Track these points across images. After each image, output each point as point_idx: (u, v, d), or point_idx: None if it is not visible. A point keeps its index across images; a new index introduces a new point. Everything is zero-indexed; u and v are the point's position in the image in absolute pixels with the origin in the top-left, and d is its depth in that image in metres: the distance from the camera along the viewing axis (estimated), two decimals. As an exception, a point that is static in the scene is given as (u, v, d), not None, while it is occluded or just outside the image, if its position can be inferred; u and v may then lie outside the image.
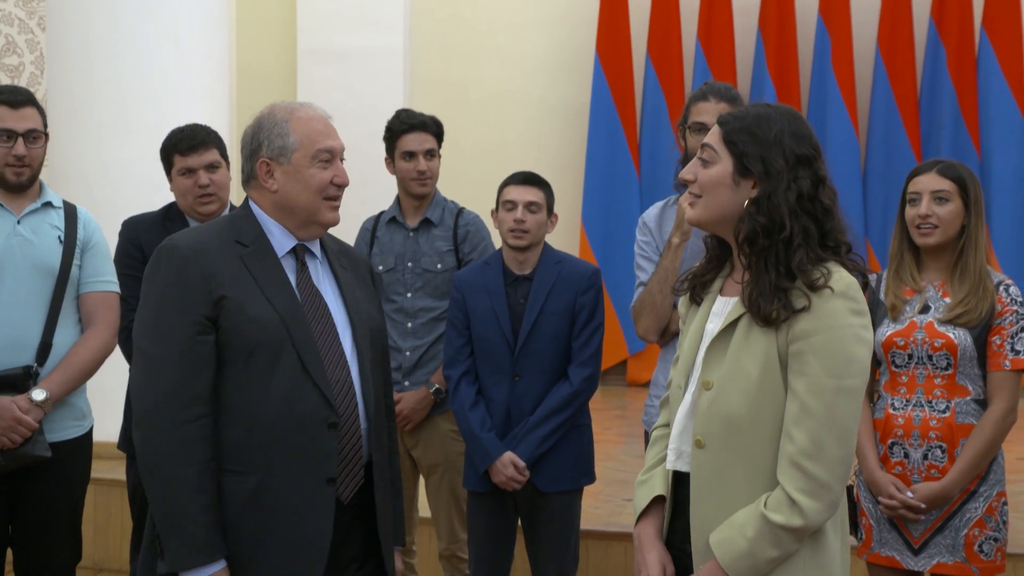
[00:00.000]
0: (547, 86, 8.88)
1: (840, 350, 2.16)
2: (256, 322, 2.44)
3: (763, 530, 2.15)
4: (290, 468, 2.43)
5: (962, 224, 3.26)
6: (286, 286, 2.51)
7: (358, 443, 2.52)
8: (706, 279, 2.41)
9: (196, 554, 2.36)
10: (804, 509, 2.13)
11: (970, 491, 3.21)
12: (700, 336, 2.35)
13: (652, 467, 2.43)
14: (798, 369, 2.18)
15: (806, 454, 2.14)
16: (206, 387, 2.41)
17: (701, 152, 2.32)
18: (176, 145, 3.77)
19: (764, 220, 2.22)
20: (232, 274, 2.47)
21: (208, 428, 2.41)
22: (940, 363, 3.21)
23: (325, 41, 8.59)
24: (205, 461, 2.39)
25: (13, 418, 3.29)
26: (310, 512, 2.44)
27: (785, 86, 8.30)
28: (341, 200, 2.60)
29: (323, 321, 2.53)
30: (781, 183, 2.22)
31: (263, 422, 2.43)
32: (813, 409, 2.15)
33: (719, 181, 2.28)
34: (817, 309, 2.17)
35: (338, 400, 2.48)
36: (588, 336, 3.71)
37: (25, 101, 3.48)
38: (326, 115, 2.60)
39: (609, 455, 5.94)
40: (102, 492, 5.07)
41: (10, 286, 3.39)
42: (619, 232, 8.29)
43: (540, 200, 3.72)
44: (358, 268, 2.76)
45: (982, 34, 8.15)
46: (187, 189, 3.76)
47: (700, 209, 2.31)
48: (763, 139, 2.24)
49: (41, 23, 8.19)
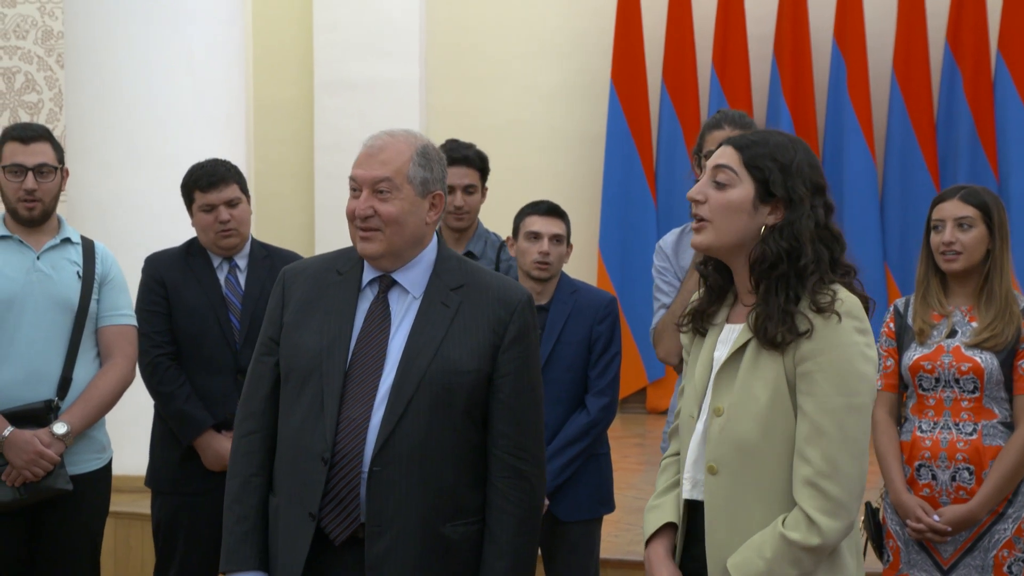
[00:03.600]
0: (563, 114, 8.89)
1: (848, 368, 2.17)
2: (298, 349, 2.48)
3: (782, 550, 2.14)
4: (291, 496, 2.46)
5: (987, 249, 3.26)
6: (345, 317, 2.48)
7: (355, 485, 2.41)
8: (710, 311, 2.39)
9: (226, 560, 2.51)
10: (822, 528, 2.13)
11: (999, 513, 3.19)
12: (709, 364, 2.34)
13: (662, 493, 2.43)
14: (807, 389, 2.18)
15: (822, 474, 2.14)
16: (260, 404, 2.53)
17: (715, 174, 2.29)
18: (196, 182, 3.79)
19: (786, 246, 2.22)
20: (307, 300, 2.52)
21: (256, 444, 2.52)
22: (967, 387, 3.21)
23: (341, 72, 8.63)
24: (248, 475, 2.51)
25: (35, 452, 3.32)
26: (297, 543, 2.44)
27: (801, 112, 8.29)
28: (378, 232, 2.46)
29: (372, 357, 2.47)
30: (803, 210, 2.24)
31: (284, 447, 2.50)
32: (825, 428, 2.15)
33: (739, 206, 2.26)
34: (822, 330, 2.18)
35: (340, 437, 2.41)
36: (605, 365, 3.69)
37: (37, 136, 3.51)
38: (384, 144, 2.49)
39: (629, 483, 5.90)
40: (122, 525, 5.07)
41: (30, 321, 3.42)
42: (637, 260, 8.27)
43: (563, 232, 3.73)
44: (482, 309, 2.50)
45: (998, 57, 8.13)
46: (208, 225, 3.78)
47: (711, 234, 2.28)
48: (786, 166, 2.25)
49: (60, 60, 8.26)
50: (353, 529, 2.43)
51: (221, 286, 3.80)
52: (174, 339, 3.77)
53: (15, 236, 3.50)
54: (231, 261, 3.84)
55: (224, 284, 3.80)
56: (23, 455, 3.31)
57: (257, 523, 2.50)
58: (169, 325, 3.76)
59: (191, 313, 3.75)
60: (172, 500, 3.77)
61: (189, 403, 3.70)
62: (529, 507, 2.52)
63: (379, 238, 2.47)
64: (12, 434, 3.32)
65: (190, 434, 3.70)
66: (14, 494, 3.33)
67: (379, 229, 2.46)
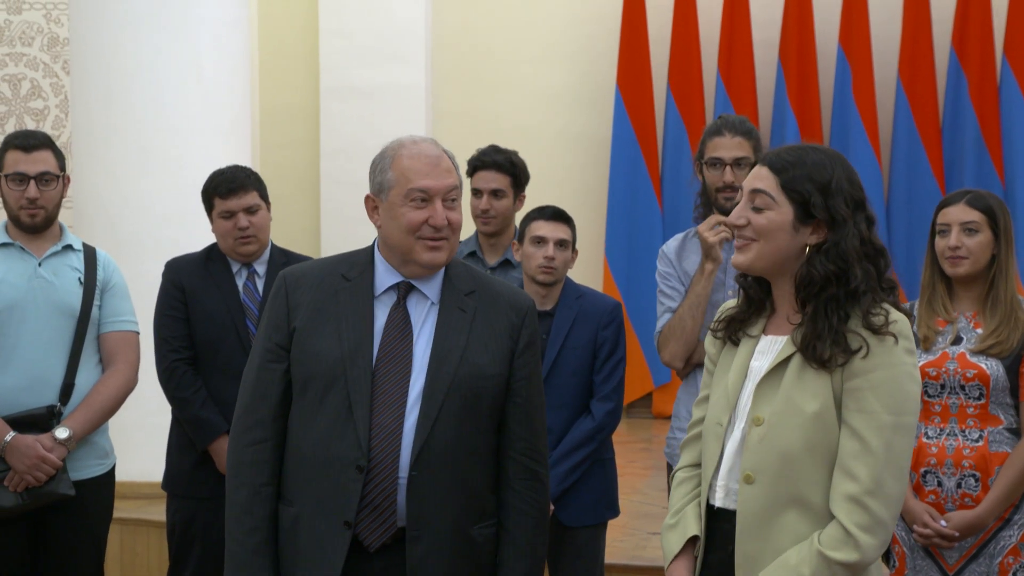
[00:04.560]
0: (568, 119, 8.90)
1: (897, 388, 2.18)
2: (316, 356, 2.46)
3: (820, 568, 2.14)
4: (319, 505, 2.44)
5: (992, 254, 3.25)
6: (365, 323, 2.48)
7: (391, 491, 2.42)
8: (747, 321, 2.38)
9: (236, 572, 2.47)
10: (861, 544, 2.13)
11: (1004, 519, 3.18)
12: (744, 374, 2.33)
13: (679, 509, 2.41)
14: (856, 407, 2.18)
15: (868, 491, 2.14)
16: (268, 413, 2.49)
17: (753, 199, 2.28)
18: (216, 188, 3.81)
19: (833, 268, 2.22)
20: (316, 307, 2.49)
21: (265, 453, 2.49)
22: (972, 393, 3.19)
23: (348, 78, 8.64)
24: (258, 485, 2.47)
25: (37, 456, 3.33)
26: (328, 552, 2.42)
27: (807, 117, 8.28)
28: (447, 240, 2.49)
29: (397, 363, 2.47)
30: (847, 229, 2.23)
31: (304, 455, 2.46)
32: (873, 446, 2.15)
33: (779, 227, 2.26)
34: (875, 348, 2.18)
35: (375, 444, 2.42)
36: (610, 370, 3.69)
37: (39, 145, 3.52)
38: (439, 153, 2.51)
39: (634, 488, 5.90)
40: (128, 532, 5.07)
41: (32, 327, 3.43)
42: (643, 264, 8.26)
43: (568, 237, 3.72)
44: (497, 314, 2.55)
45: (1003, 62, 8.12)
46: (227, 231, 3.79)
47: (754, 255, 2.28)
48: (825, 186, 2.24)
49: (65, 67, 8.28)
50: (389, 535, 2.45)
51: (239, 292, 3.81)
52: (191, 344, 3.79)
53: (17, 243, 3.51)
54: (250, 267, 3.86)
55: (242, 290, 3.82)
56: (25, 460, 3.32)
57: (268, 535, 2.48)
58: (187, 330, 3.78)
59: (209, 318, 3.77)
60: (188, 504, 3.79)
61: (205, 408, 3.72)
62: (543, 508, 2.59)
63: (446, 247, 2.51)
64: (14, 439, 3.33)
65: (205, 439, 3.71)
66: (16, 499, 3.34)
67: (447, 238, 2.50)
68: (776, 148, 2.38)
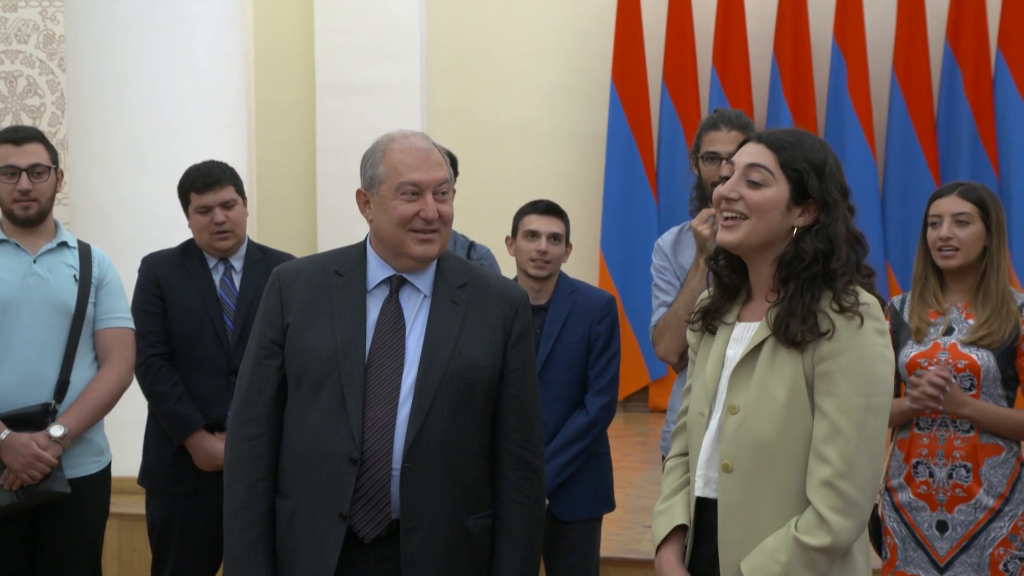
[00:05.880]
0: (563, 115, 8.91)
1: (867, 369, 2.18)
2: (308, 351, 2.48)
3: (796, 553, 2.15)
4: (314, 498, 2.46)
5: (984, 246, 3.26)
6: (357, 317, 2.50)
7: (385, 483, 2.44)
8: (721, 309, 2.39)
9: (236, 567, 2.47)
10: (834, 527, 2.14)
11: (995, 510, 3.19)
12: (721, 362, 2.34)
13: (670, 496, 2.42)
14: (826, 389, 2.19)
15: (840, 474, 2.15)
16: (264, 408, 2.52)
17: (749, 173, 2.28)
18: (192, 183, 3.81)
19: (822, 247, 2.23)
20: (309, 302, 2.52)
21: (262, 448, 2.51)
22: (963, 384, 3.20)
23: (343, 75, 8.64)
24: (255, 480, 2.49)
25: (32, 454, 3.32)
26: (324, 545, 2.44)
27: (801, 111, 8.30)
28: (437, 233, 2.51)
29: (390, 356, 2.49)
30: (838, 212, 2.26)
31: (299, 449, 2.49)
32: (844, 428, 2.16)
33: (773, 205, 2.27)
34: (843, 330, 2.18)
35: (368, 436, 2.44)
36: (604, 365, 3.70)
37: (29, 138, 3.53)
38: (429, 147, 2.54)
39: (630, 482, 5.92)
40: (126, 527, 5.07)
41: (27, 325, 3.42)
42: (638, 259, 8.27)
43: (561, 231, 3.73)
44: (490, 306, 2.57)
45: (998, 54, 8.13)
46: (203, 226, 3.79)
47: (743, 232, 2.27)
48: (820, 168, 2.27)
49: (61, 64, 8.28)
50: (383, 527, 2.46)
51: (216, 287, 3.81)
52: (168, 339, 3.78)
53: (11, 240, 3.51)
54: (227, 262, 3.85)
55: (219, 285, 3.81)
56: (20, 458, 3.30)
57: (266, 529, 2.50)
58: (164, 325, 3.78)
59: (185, 314, 3.76)
60: (166, 500, 3.78)
61: (181, 403, 3.71)
62: (538, 499, 2.60)
63: (438, 239, 2.53)
64: (9, 437, 3.32)
65: (181, 434, 3.70)
66: (12, 498, 3.33)
67: (438, 231, 2.52)
68: (769, 129, 2.40)
